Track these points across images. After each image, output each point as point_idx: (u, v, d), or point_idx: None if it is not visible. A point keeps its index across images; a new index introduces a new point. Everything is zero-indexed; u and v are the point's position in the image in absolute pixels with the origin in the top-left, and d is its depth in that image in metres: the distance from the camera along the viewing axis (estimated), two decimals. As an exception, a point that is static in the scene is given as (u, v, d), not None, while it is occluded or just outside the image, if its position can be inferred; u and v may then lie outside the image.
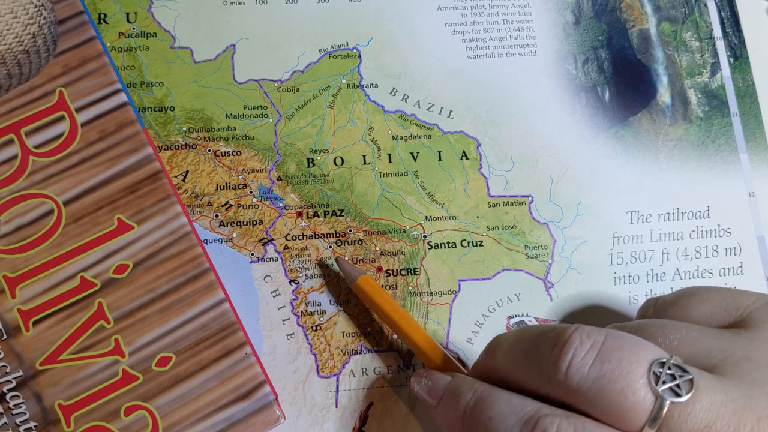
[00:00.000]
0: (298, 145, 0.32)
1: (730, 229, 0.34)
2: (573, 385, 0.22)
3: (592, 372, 0.21)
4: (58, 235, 0.27)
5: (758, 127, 0.35)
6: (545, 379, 0.23)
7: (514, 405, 0.23)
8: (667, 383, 0.21)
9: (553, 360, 0.22)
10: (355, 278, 0.30)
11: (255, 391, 0.27)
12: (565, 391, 0.22)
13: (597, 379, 0.21)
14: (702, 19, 0.36)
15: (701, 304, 0.26)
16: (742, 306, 0.25)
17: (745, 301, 0.25)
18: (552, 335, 0.23)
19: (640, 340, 0.22)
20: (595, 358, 0.22)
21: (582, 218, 0.33)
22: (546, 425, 0.21)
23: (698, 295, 0.26)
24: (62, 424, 0.26)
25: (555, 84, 0.34)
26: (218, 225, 0.31)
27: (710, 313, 0.26)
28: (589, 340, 0.22)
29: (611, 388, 0.21)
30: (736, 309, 0.25)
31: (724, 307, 0.25)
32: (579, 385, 0.21)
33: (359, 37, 0.34)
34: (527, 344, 0.24)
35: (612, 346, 0.22)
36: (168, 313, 0.27)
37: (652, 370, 0.21)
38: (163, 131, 0.32)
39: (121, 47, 0.32)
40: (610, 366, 0.21)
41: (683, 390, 0.21)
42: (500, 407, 0.23)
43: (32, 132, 0.28)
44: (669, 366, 0.21)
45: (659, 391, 0.21)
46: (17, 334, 0.26)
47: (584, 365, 0.22)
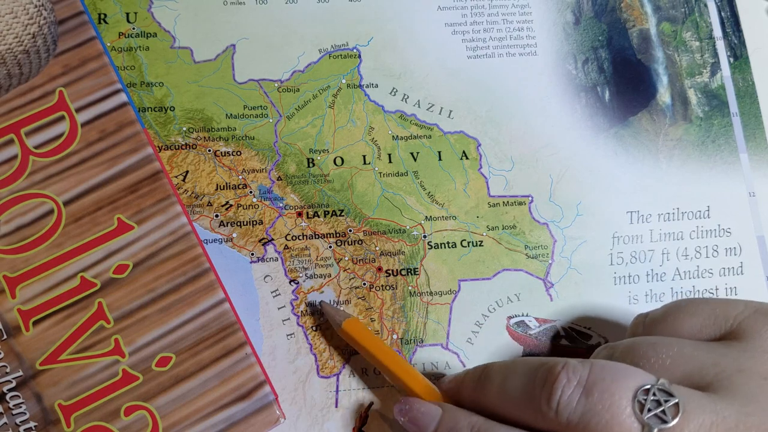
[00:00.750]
0: (298, 145, 0.32)
1: (730, 229, 0.34)
2: (563, 421, 0.22)
3: (578, 407, 0.22)
4: (58, 235, 0.27)
5: (758, 127, 0.35)
6: (539, 417, 0.23)
7: None
8: (653, 410, 0.21)
9: (545, 399, 0.23)
10: (340, 323, 0.29)
11: (255, 391, 0.27)
12: (558, 427, 0.23)
13: (584, 414, 0.22)
14: (702, 19, 0.36)
15: (690, 318, 0.26)
16: (731, 316, 0.25)
17: (733, 311, 0.25)
18: (542, 373, 0.24)
19: (624, 369, 0.23)
20: (581, 394, 0.22)
21: (582, 218, 0.33)
22: None
23: (686, 309, 0.26)
24: (62, 424, 0.26)
25: (555, 84, 0.34)
26: (218, 225, 0.31)
27: (700, 327, 0.25)
28: (576, 376, 0.23)
29: (596, 421, 0.21)
30: (726, 320, 0.25)
31: (714, 319, 0.25)
32: (569, 421, 0.22)
33: (359, 37, 0.34)
34: (519, 382, 0.24)
35: (595, 378, 0.22)
36: (168, 313, 0.27)
37: (636, 399, 0.21)
38: (163, 131, 0.32)
39: (121, 47, 0.32)
40: (593, 400, 0.22)
41: (669, 415, 0.21)
42: None
43: (32, 132, 0.28)
44: (654, 392, 0.21)
45: (645, 420, 0.21)
46: (17, 334, 0.26)
47: (572, 401, 0.22)
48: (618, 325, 0.32)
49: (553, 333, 0.32)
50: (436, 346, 0.31)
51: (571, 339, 0.32)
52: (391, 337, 0.31)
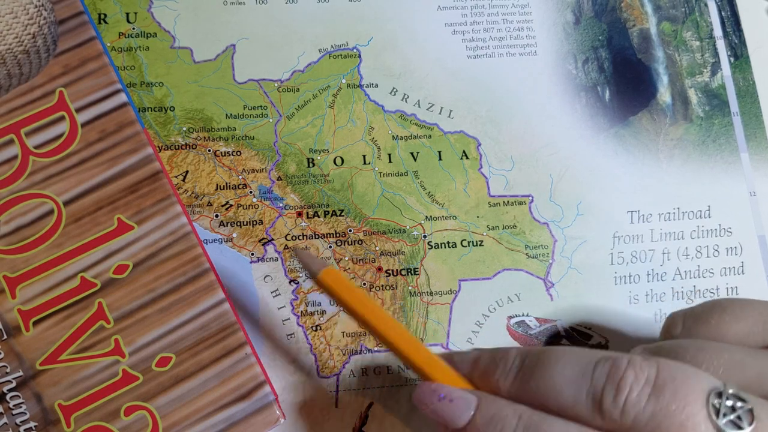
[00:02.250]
0: (298, 145, 0.32)
1: (730, 228, 0.34)
2: (629, 421, 0.21)
3: (648, 407, 0.20)
4: (58, 236, 0.27)
5: (759, 127, 0.35)
6: (597, 413, 0.21)
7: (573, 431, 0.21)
8: (728, 415, 0.20)
9: (611, 396, 0.21)
10: (317, 272, 0.26)
11: (255, 391, 0.27)
12: (618, 427, 0.21)
13: (654, 415, 0.20)
14: (702, 18, 0.36)
15: (736, 322, 0.24)
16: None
17: None
18: (605, 368, 0.22)
19: (693, 370, 0.21)
20: (651, 392, 0.21)
21: (582, 218, 0.33)
22: None
23: (732, 311, 0.25)
24: (62, 424, 0.26)
25: (555, 84, 0.34)
26: (218, 225, 0.31)
27: (748, 332, 0.24)
28: (644, 373, 0.21)
29: (669, 422, 0.20)
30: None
31: (762, 324, 0.24)
32: (636, 421, 0.20)
33: (359, 37, 0.34)
34: (575, 374, 0.22)
35: (666, 377, 0.21)
36: (168, 313, 0.27)
37: (710, 402, 0.20)
38: (163, 131, 0.32)
39: (121, 47, 0.32)
40: (665, 400, 0.20)
41: (744, 422, 0.20)
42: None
43: (32, 132, 0.28)
44: (727, 396, 0.20)
45: (720, 425, 0.20)
46: (17, 334, 0.26)
47: (641, 400, 0.21)
48: (618, 325, 0.32)
49: (554, 333, 0.32)
50: (436, 346, 0.31)
51: (572, 339, 0.32)
52: (392, 337, 0.31)
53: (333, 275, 0.25)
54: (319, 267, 0.26)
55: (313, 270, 0.26)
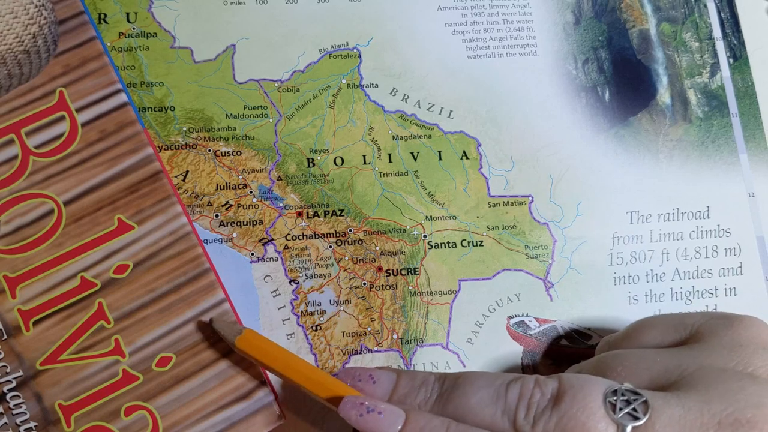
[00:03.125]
0: (298, 145, 0.32)
1: (729, 229, 0.34)
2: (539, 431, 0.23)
3: (554, 417, 0.22)
4: (58, 235, 0.27)
5: (758, 128, 0.35)
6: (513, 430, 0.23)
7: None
8: (624, 409, 0.22)
9: (520, 412, 0.23)
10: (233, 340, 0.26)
11: (255, 391, 0.27)
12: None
13: (558, 421, 0.22)
14: (702, 19, 0.36)
15: (650, 330, 0.27)
16: (689, 324, 0.26)
17: (690, 319, 0.26)
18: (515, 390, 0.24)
19: (589, 377, 0.23)
20: (553, 403, 0.23)
21: (582, 218, 0.33)
22: None
23: (645, 323, 0.28)
24: (62, 424, 0.26)
25: (555, 84, 0.34)
26: (218, 225, 0.31)
27: (661, 336, 0.27)
28: (548, 388, 0.23)
29: (573, 425, 0.22)
30: (684, 327, 0.26)
31: (673, 327, 0.26)
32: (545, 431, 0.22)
33: (359, 37, 0.34)
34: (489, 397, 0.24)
35: (564, 387, 0.23)
36: (168, 313, 0.27)
37: (607, 400, 0.22)
38: (163, 131, 0.32)
39: (121, 47, 0.32)
40: (566, 405, 0.22)
41: (640, 412, 0.21)
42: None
43: (32, 132, 0.28)
44: (622, 392, 0.22)
45: (617, 419, 0.21)
46: (17, 334, 0.26)
47: (546, 412, 0.23)
48: (617, 325, 0.32)
49: (553, 333, 0.32)
50: (436, 346, 0.31)
51: (571, 339, 0.32)
52: (391, 337, 0.31)
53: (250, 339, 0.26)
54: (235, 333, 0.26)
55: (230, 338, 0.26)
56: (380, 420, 0.23)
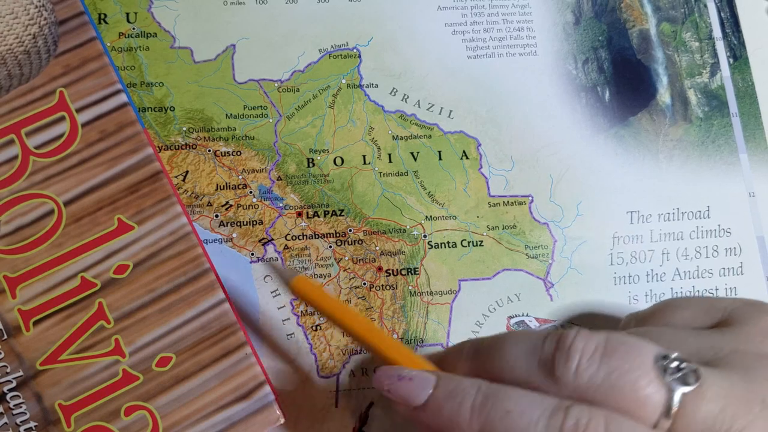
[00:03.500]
0: (298, 145, 0.32)
1: (730, 229, 0.34)
2: (583, 383, 0.21)
3: (601, 370, 0.21)
4: (58, 236, 0.27)
5: (758, 128, 0.35)
6: (551, 381, 0.22)
7: (533, 397, 0.22)
8: (675, 374, 0.21)
9: (561, 360, 0.22)
10: (288, 280, 0.27)
11: (255, 391, 0.27)
12: (573, 392, 0.22)
13: (607, 376, 0.21)
14: (702, 19, 0.36)
15: (681, 310, 0.26)
16: (721, 308, 0.26)
17: (723, 303, 0.26)
18: (553, 339, 0.23)
19: (640, 339, 0.22)
20: (602, 357, 0.21)
21: (582, 218, 0.33)
22: (577, 414, 0.21)
23: (676, 303, 0.27)
24: (62, 424, 0.26)
25: (555, 84, 0.34)
26: (218, 225, 0.31)
27: (692, 318, 0.26)
28: (593, 341, 0.22)
29: (623, 381, 0.21)
30: (717, 311, 0.26)
31: (705, 310, 0.26)
32: (590, 383, 0.21)
33: (359, 37, 0.34)
34: (527, 349, 0.23)
35: (615, 344, 0.22)
36: (168, 313, 0.27)
37: (657, 364, 0.21)
38: (163, 131, 0.32)
39: (121, 47, 0.32)
40: (618, 362, 0.21)
41: (691, 379, 0.21)
42: (518, 399, 0.22)
43: (33, 132, 0.28)
44: (673, 359, 0.21)
45: (669, 382, 0.21)
46: (17, 334, 0.26)
47: (593, 364, 0.21)
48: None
49: (553, 333, 0.32)
50: (436, 346, 0.31)
51: (571, 339, 0.32)
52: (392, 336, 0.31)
53: (304, 283, 0.27)
54: (290, 275, 0.27)
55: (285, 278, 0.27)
56: (410, 386, 0.23)
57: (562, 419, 0.21)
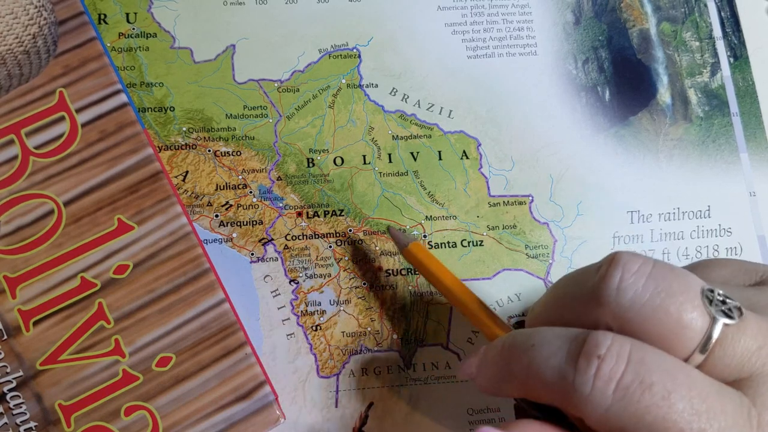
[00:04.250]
0: (298, 145, 0.32)
1: (730, 228, 0.34)
2: (626, 300, 0.20)
3: (648, 287, 0.20)
4: (58, 236, 0.27)
5: (758, 127, 0.35)
6: (592, 300, 0.21)
7: (558, 330, 0.21)
8: (719, 306, 0.20)
9: (602, 277, 0.21)
10: (406, 244, 0.29)
11: (255, 391, 0.27)
12: (615, 310, 0.21)
13: (654, 294, 0.20)
14: (702, 19, 0.36)
15: (719, 268, 0.26)
16: (760, 270, 0.25)
17: (762, 267, 0.25)
18: (596, 264, 0.22)
19: (686, 270, 0.22)
20: (648, 275, 0.21)
21: (582, 218, 0.33)
22: (599, 337, 0.20)
23: (716, 262, 0.26)
24: (62, 424, 0.26)
25: (555, 84, 0.34)
26: (218, 225, 0.31)
27: (731, 276, 0.25)
28: (638, 260, 0.21)
29: (669, 303, 0.20)
30: (756, 272, 0.25)
31: (744, 270, 0.25)
32: (633, 300, 0.20)
33: (359, 37, 0.34)
34: (568, 280, 0.23)
35: (664, 266, 0.21)
36: (168, 313, 0.27)
37: (704, 294, 0.20)
38: (163, 131, 0.32)
39: (121, 47, 0.32)
40: (665, 284, 0.20)
41: (735, 313, 0.20)
42: (543, 333, 0.21)
43: (32, 132, 0.28)
44: (718, 293, 0.21)
45: (714, 312, 0.20)
46: (17, 335, 0.26)
47: (637, 281, 0.21)
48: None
49: (554, 333, 0.32)
50: (436, 346, 0.31)
51: (572, 339, 0.32)
52: (392, 337, 0.31)
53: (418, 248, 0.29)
54: (407, 241, 0.30)
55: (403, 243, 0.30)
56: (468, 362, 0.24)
57: (582, 342, 0.20)
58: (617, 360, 0.19)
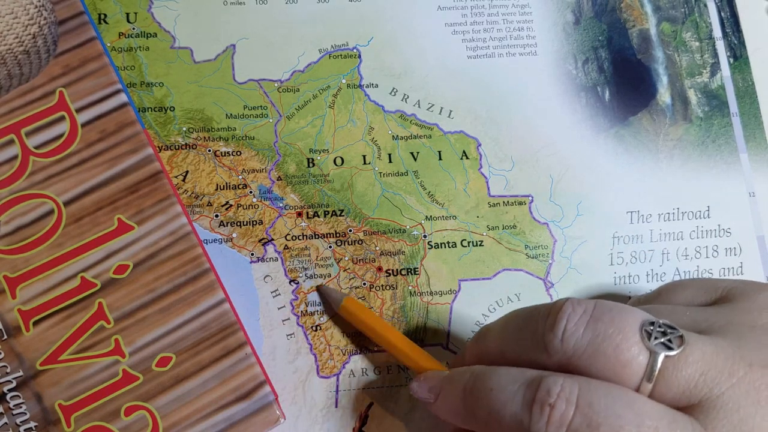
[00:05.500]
0: (298, 145, 0.32)
1: (730, 229, 0.34)
2: (569, 348, 0.22)
3: (587, 334, 0.22)
4: (58, 236, 0.27)
5: (758, 127, 0.35)
6: (541, 349, 0.23)
7: (514, 373, 0.23)
8: (659, 339, 0.22)
9: (549, 327, 0.23)
10: (340, 300, 0.30)
11: (255, 391, 0.27)
12: (561, 358, 0.22)
13: (593, 339, 0.22)
14: (702, 19, 0.36)
15: (682, 290, 0.27)
16: (720, 287, 0.26)
17: (723, 283, 0.27)
18: (543, 308, 0.24)
19: (628, 306, 0.23)
20: (588, 321, 0.22)
21: (582, 218, 0.33)
22: (549, 384, 0.21)
23: (677, 283, 0.28)
24: (62, 424, 0.26)
25: (555, 84, 0.34)
26: (218, 225, 0.31)
27: (692, 297, 0.27)
28: (581, 307, 0.23)
29: (606, 346, 0.22)
30: (715, 290, 0.26)
31: (704, 289, 0.27)
32: (575, 347, 0.22)
33: (359, 37, 0.34)
34: (519, 321, 0.24)
35: (603, 309, 0.23)
36: (168, 313, 0.27)
37: (643, 329, 0.22)
38: (163, 131, 0.32)
39: (121, 47, 0.32)
40: (603, 326, 0.22)
41: (674, 344, 0.21)
42: (500, 377, 0.23)
43: (32, 132, 0.28)
44: (659, 325, 0.22)
45: (652, 346, 0.21)
46: (17, 334, 0.26)
47: (578, 329, 0.22)
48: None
49: (553, 333, 0.32)
50: (436, 346, 0.31)
51: (571, 339, 0.32)
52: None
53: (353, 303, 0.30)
54: (341, 297, 0.30)
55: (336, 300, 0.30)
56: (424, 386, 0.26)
57: (535, 389, 0.22)
58: (566, 405, 0.21)
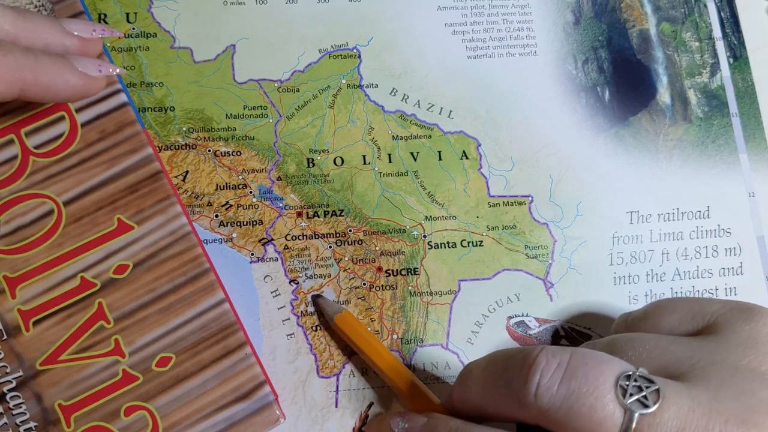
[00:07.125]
0: (298, 145, 0.32)
1: (729, 229, 0.34)
2: (543, 405, 0.22)
3: (560, 391, 0.22)
4: (58, 236, 0.27)
5: (758, 128, 0.35)
6: (517, 404, 0.23)
7: None
8: (635, 395, 0.21)
9: (522, 383, 0.22)
10: (332, 317, 0.30)
11: (255, 392, 0.27)
12: (537, 413, 0.22)
13: (566, 398, 0.22)
14: (702, 19, 0.36)
15: (669, 314, 0.27)
16: (708, 312, 0.26)
17: (710, 307, 0.26)
18: (519, 358, 0.23)
19: (604, 356, 0.23)
20: (562, 377, 0.22)
21: (582, 218, 0.33)
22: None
23: (666, 306, 0.27)
24: (62, 424, 0.26)
25: (555, 84, 0.34)
26: (218, 225, 0.31)
27: (679, 322, 0.26)
28: (555, 360, 0.22)
29: (580, 404, 0.21)
30: (703, 316, 0.26)
31: (692, 315, 0.26)
32: (549, 405, 0.22)
33: (359, 37, 0.34)
34: (496, 370, 0.24)
35: (578, 363, 0.22)
36: (168, 313, 0.27)
37: (618, 384, 0.21)
38: (163, 131, 0.32)
39: (121, 47, 0.32)
40: (577, 383, 0.22)
41: (650, 400, 0.21)
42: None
43: (32, 132, 0.28)
44: (635, 378, 0.21)
45: (627, 404, 0.21)
46: (17, 334, 0.26)
47: (552, 385, 0.22)
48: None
49: (553, 333, 0.32)
50: (436, 346, 0.31)
51: (571, 339, 0.32)
52: (392, 337, 0.31)
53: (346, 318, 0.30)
54: (335, 311, 0.30)
55: (330, 314, 0.30)
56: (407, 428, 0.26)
57: None
58: None
